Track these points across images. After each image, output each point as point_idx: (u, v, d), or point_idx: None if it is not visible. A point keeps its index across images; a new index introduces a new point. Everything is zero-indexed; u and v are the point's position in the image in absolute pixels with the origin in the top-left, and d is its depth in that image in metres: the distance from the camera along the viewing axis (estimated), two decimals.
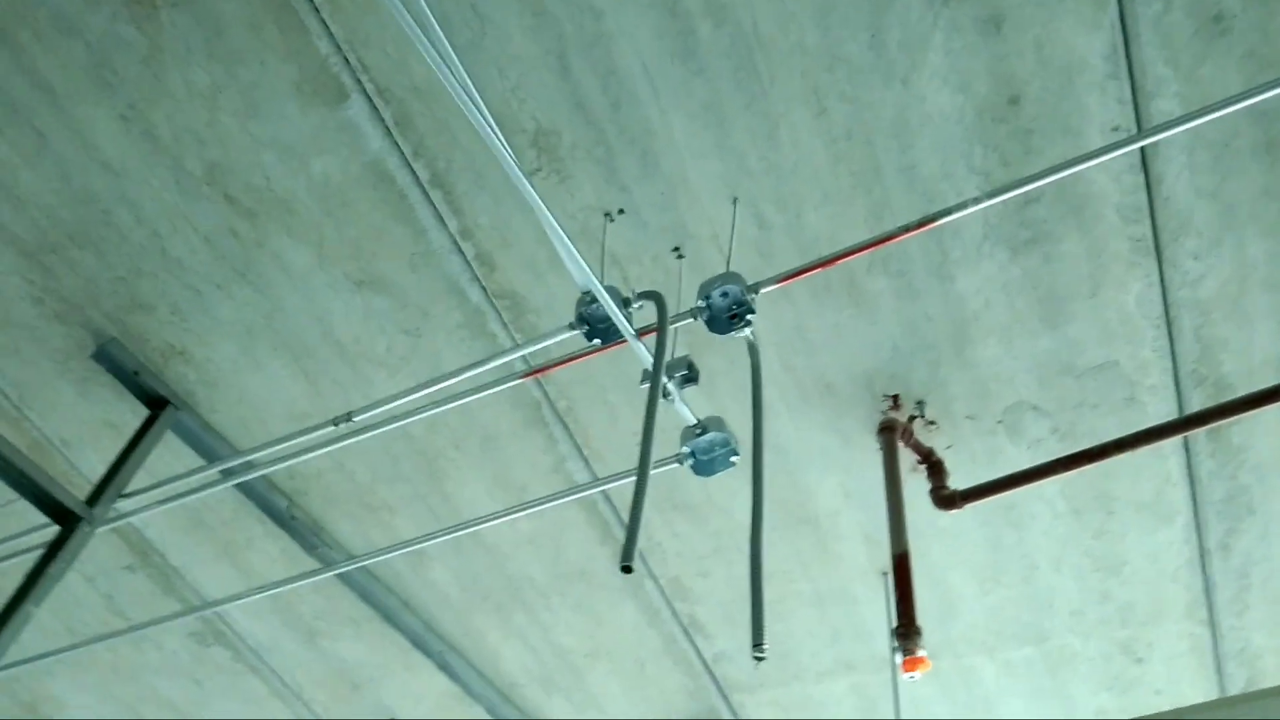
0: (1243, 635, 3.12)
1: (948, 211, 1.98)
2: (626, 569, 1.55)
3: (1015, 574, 3.06)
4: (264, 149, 2.40)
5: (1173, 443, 2.70)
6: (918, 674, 2.13)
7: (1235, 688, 3.23)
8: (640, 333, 2.13)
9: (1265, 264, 2.37)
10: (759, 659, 1.64)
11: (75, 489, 2.73)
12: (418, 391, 2.36)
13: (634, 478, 1.74)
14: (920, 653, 2.15)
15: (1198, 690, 3.26)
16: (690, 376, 2.14)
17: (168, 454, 3.03)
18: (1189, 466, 2.75)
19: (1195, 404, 2.60)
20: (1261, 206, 2.28)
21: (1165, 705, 3.28)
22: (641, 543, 3.14)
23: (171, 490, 2.76)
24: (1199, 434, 2.68)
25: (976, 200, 1.94)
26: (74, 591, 3.58)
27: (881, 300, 2.53)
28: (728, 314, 2.13)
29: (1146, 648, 3.18)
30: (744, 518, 2.99)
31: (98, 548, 3.33)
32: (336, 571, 2.94)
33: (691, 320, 2.15)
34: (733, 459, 2.19)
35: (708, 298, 2.11)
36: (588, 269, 1.98)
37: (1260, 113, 2.16)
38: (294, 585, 3.12)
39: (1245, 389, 2.53)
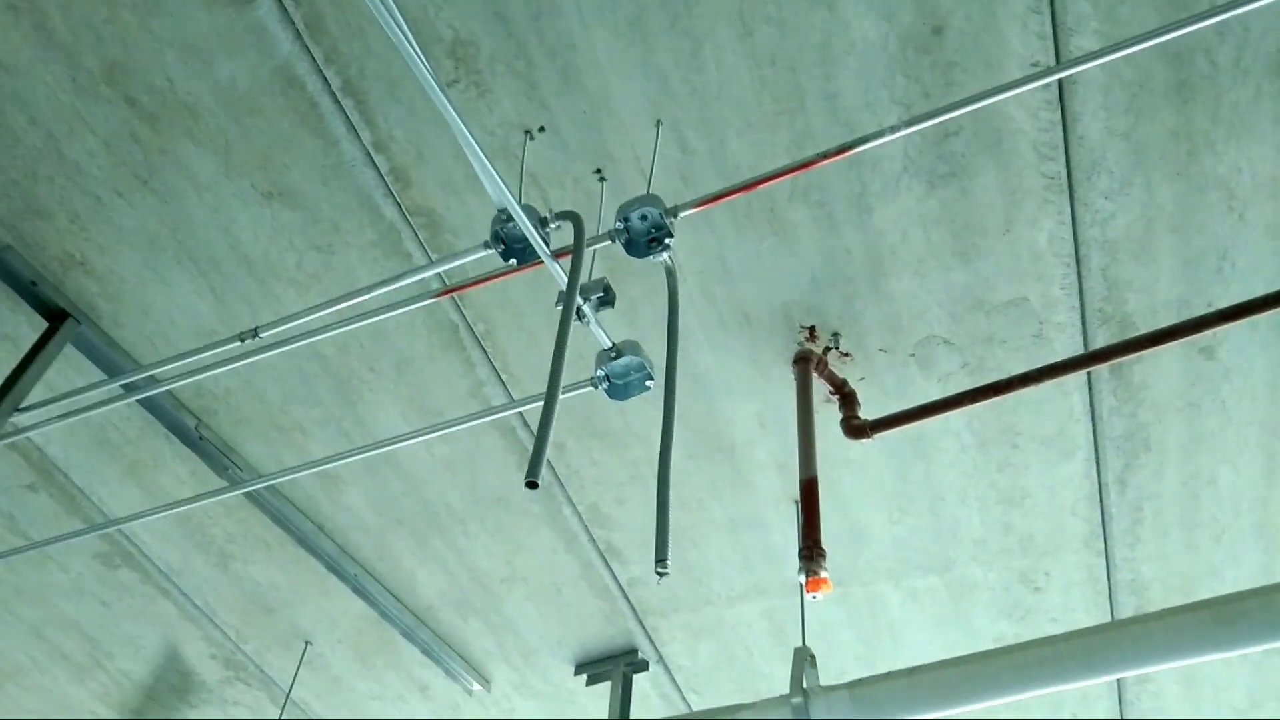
0: (1134, 566, 3.26)
1: (867, 139, 1.97)
2: (531, 484, 1.54)
3: (922, 504, 3.14)
4: (166, 48, 2.29)
5: (1076, 379, 2.78)
6: (820, 594, 2.18)
7: (1125, 615, 3.38)
8: (557, 254, 2.10)
9: (1172, 205, 2.42)
10: (661, 574, 1.66)
11: None
12: (328, 308, 2.30)
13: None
14: (823, 574, 2.20)
15: (1091, 618, 3.41)
16: (606, 299, 2.12)
17: (68, 369, 2.93)
18: (1091, 403, 2.83)
19: (1100, 341, 2.67)
20: (1171, 148, 2.32)
21: (1059, 632, 3.42)
22: (559, 469, 3.15)
23: (71, 405, 2.67)
24: (1102, 372, 2.76)
25: (894, 129, 1.94)
26: None
27: (802, 231, 2.53)
28: (646, 238, 2.11)
29: (1045, 577, 3.31)
30: (660, 441, 3.02)
31: None
32: (245, 490, 2.89)
33: (609, 243, 2.12)
34: (648, 383, 2.18)
35: (626, 220, 2.09)
36: (504, 186, 1.94)
37: (1174, 54, 2.19)
38: (203, 504, 3.07)
39: (1148, 328, 2.60)
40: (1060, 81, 2.23)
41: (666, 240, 2.09)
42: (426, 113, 2.35)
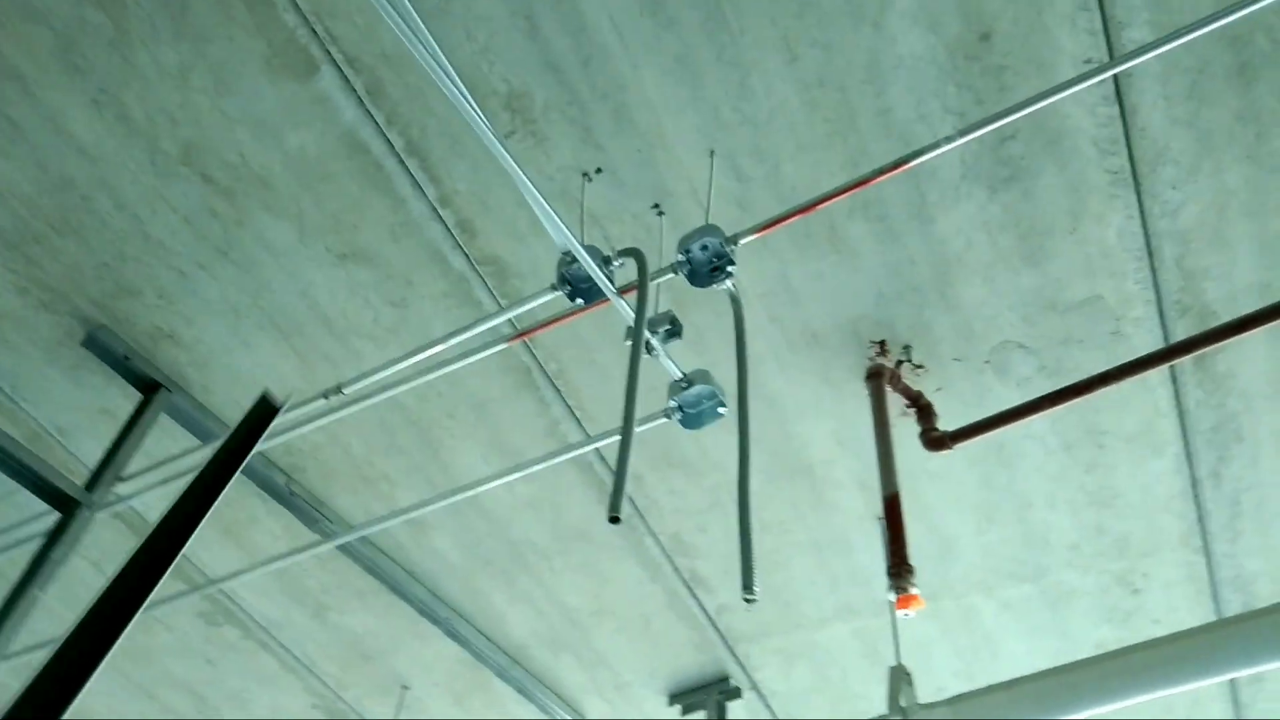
0: (1236, 561, 3.15)
1: (922, 151, 1.98)
2: (614, 519, 1.57)
3: (1009, 512, 3.09)
4: (237, 126, 2.40)
5: (1160, 374, 2.72)
6: (911, 611, 2.16)
7: (1231, 613, 3.27)
8: (622, 291, 2.14)
9: (1243, 190, 2.37)
10: (749, 600, 1.66)
11: (74, 476, 2.76)
12: (405, 361, 2.37)
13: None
14: (913, 590, 2.18)
15: (1195, 617, 3.31)
16: (674, 331, 2.15)
17: (164, 437, 3.05)
18: (1177, 396, 2.76)
19: (1180, 334, 2.61)
20: (1237, 132, 2.28)
21: (1163, 634, 3.32)
22: (639, 500, 3.17)
23: (169, 472, 2.78)
24: (1185, 364, 2.70)
25: (950, 139, 1.94)
26: (82, 578, 3.61)
27: (863, 246, 2.53)
28: (709, 267, 2.14)
29: (1143, 578, 3.22)
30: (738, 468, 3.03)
31: (101, 534, 3.36)
32: (338, 543, 2.97)
33: (672, 275, 2.16)
34: (720, 410, 2.20)
35: (687, 251, 2.12)
36: (565, 229, 1.99)
37: (1232, 37, 2.15)
38: (298, 558, 3.16)
39: (1229, 316, 2.53)
40: (1116, 75, 2.21)
41: (729, 268, 2.11)
42: (488, 165, 2.42)
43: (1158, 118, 2.27)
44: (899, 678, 2.36)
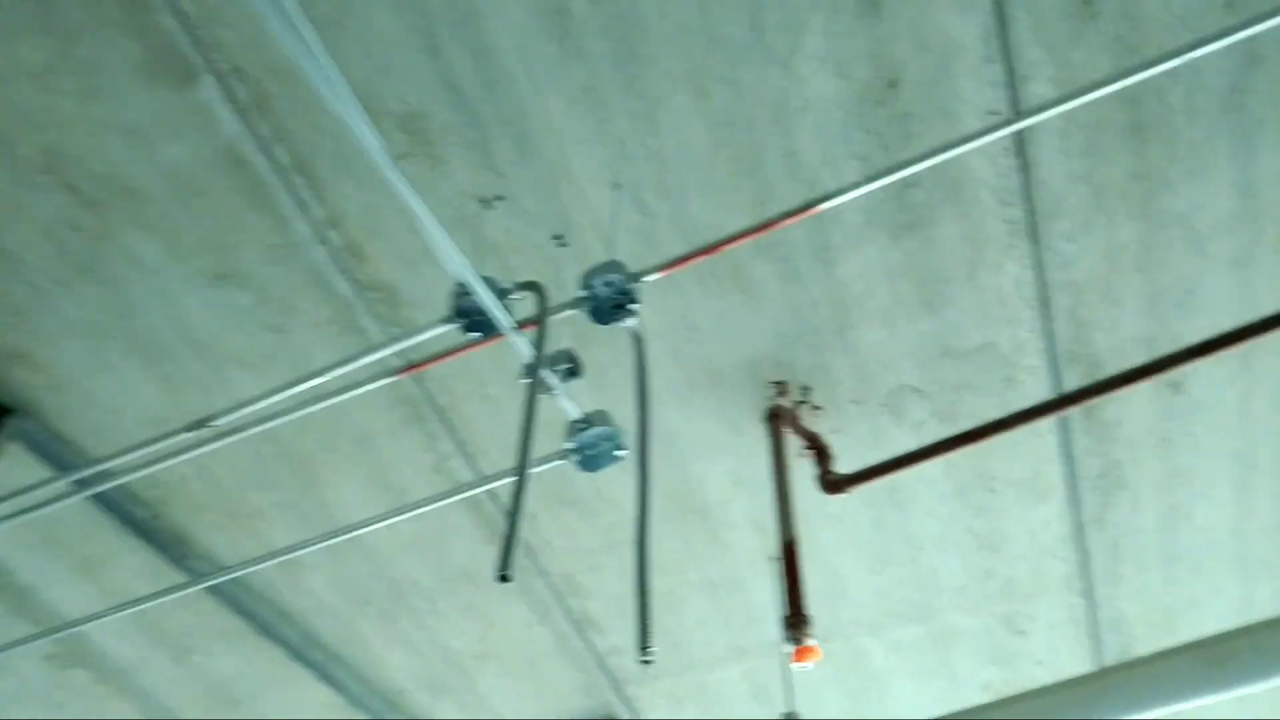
0: (1116, 605, 3.23)
1: (828, 196, 1.94)
2: (504, 578, 1.46)
3: (902, 555, 3.09)
4: (107, 133, 2.21)
5: (1048, 421, 2.76)
6: (809, 664, 2.11)
7: (1111, 655, 3.35)
8: (521, 325, 2.04)
9: (1134, 245, 2.42)
10: (646, 662, 1.58)
11: None
12: (283, 392, 2.21)
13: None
14: (810, 642, 2.13)
15: (1076, 659, 3.37)
16: (573, 370, 2.06)
17: (16, 467, 2.79)
18: (1065, 444, 2.81)
19: (1071, 382, 2.66)
20: (1131, 189, 2.33)
21: (1047, 675, 3.38)
22: (531, 540, 3.06)
23: (17, 505, 2.53)
24: (1074, 412, 2.75)
25: (856, 185, 1.91)
26: None
27: (766, 287, 2.50)
28: (612, 304, 2.06)
29: (1028, 620, 3.27)
30: (634, 510, 2.94)
31: None
32: (207, 585, 2.76)
33: (574, 311, 2.07)
34: (618, 453, 2.11)
35: (590, 287, 2.04)
36: (460, 257, 1.88)
37: (1129, 98, 2.20)
38: (160, 601, 2.92)
39: (1116, 366, 2.59)
40: (1019, 128, 2.23)
41: (632, 306, 2.03)
42: (379, 187, 2.29)
43: (1057, 172, 2.31)
44: None
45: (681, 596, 3.22)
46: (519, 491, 1.60)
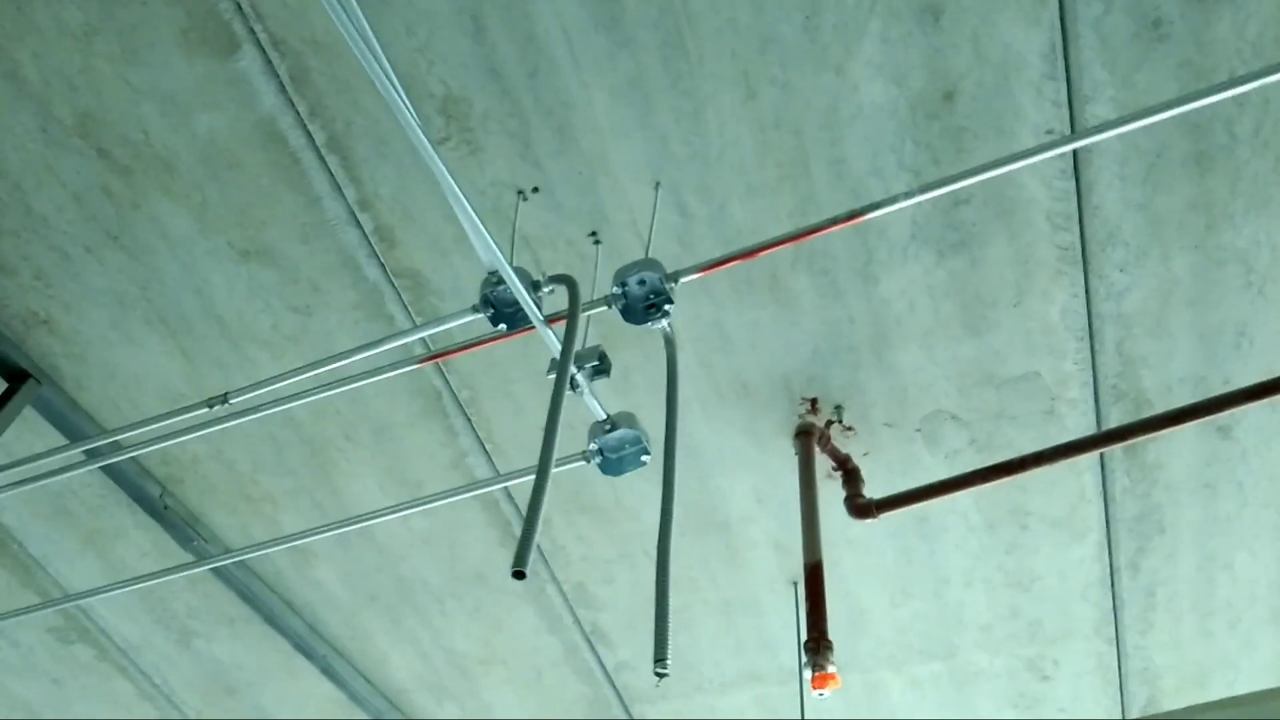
0: (1146, 654, 3.11)
1: (876, 206, 1.87)
2: (519, 574, 1.40)
3: (926, 587, 2.99)
4: (143, 100, 2.18)
5: (1089, 458, 2.66)
6: (828, 691, 2.02)
7: (1136, 707, 3.22)
8: (550, 320, 1.98)
9: (1189, 279, 2.33)
10: (661, 675, 1.51)
11: None
12: (304, 373, 2.16)
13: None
14: (830, 669, 2.05)
15: (1100, 709, 3.25)
16: (602, 368, 1.99)
17: (28, 433, 2.76)
18: (1104, 483, 2.71)
19: (1114, 419, 2.56)
20: (1189, 220, 2.24)
21: None
22: (545, 545, 2.99)
23: (30, 471, 2.50)
24: (1115, 452, 2.65)
25: (907, 195, 1.84)
26: None
27: (804, 299, 2.42)
28: (644, 304, 1.99)
29: (1053, 665, 3.15)
30: (653, 521, 2.86)
31: None
32: (211, 566, 2.71)
33: (605, 308, 2.00)
34: (643, 459, 2.05)
35: (624, 285, 1.97)
36: (495, 246, 1.83)
37: (1192, 125, 2.11)
38: (165, 579, 2.88)
39: (1163, 406, 2.49)
40: (1075, 150, 2.15)
41: (665, 307, 1.97)
42: (415, 171, 2.24)
43: (1112, 198, 2.22)
44: None
45: (696, 615, 3.13)
46: (541, 484, 1.53)
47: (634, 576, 3.04)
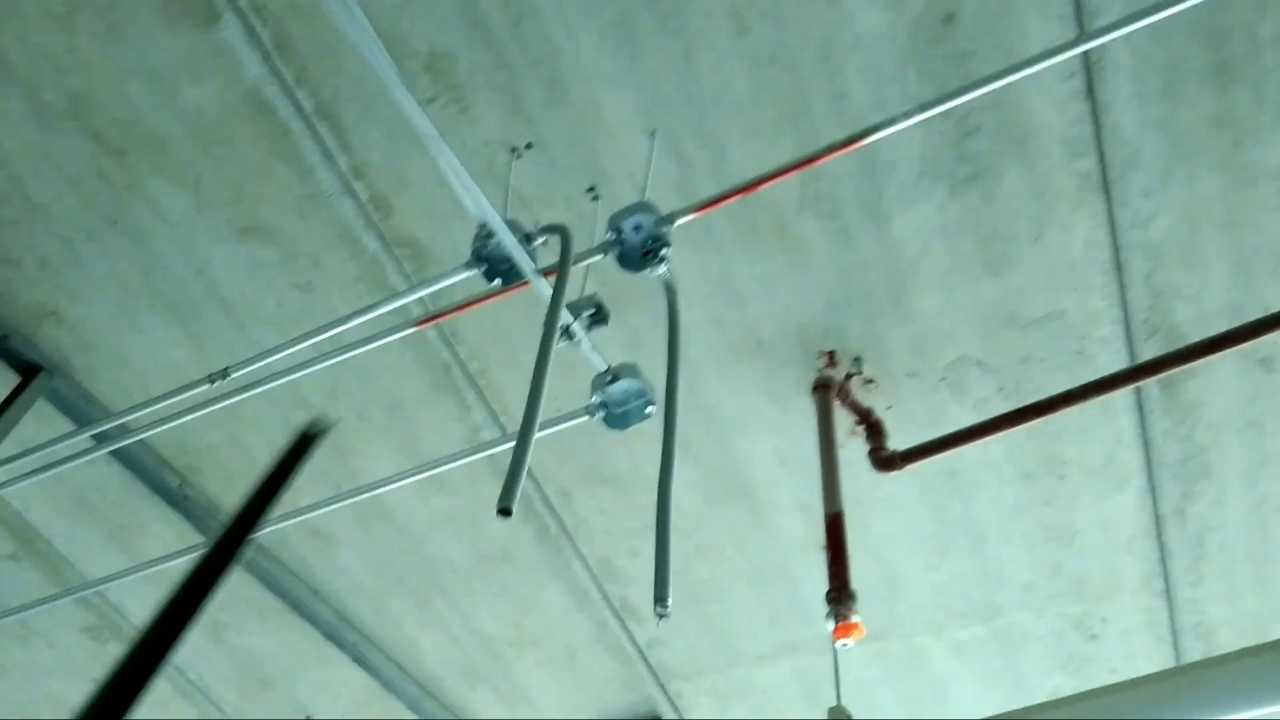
0: (1199, 607, 2.97)
1: (878, 128, 1.79)
2: (504, 512, 1.34)
3: (962, 546, 2.88)
4: (130, 77, 2.17)
5: (1125, 401, 2.55)
6: (851, 641, 1.94)
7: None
8: (546, 272, 1.92)
9: (1218, 201, 2.21)
10: (661, 615, 1.44)
11: None
12: (304, 342, 2.13)
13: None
14: (854, 618, 1.96)
15: (1154, 667, 3.11)
16: (599, 317, 1.94)
17: (44, 429, 2.76)
18: (1142, 426, 2.59)
19: (1147, 357, 2.44)
20: (1213, 137, 2.12)
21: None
22: (566, 519, 2.93)
23: (44, 459, 2.49)
24: (1152, 391, 2.53)
25: (908, 114, 1.76)
26: None
27: (813, 246, 2.34)
28: (641, 250, 1.93)
29: (1101, 623, 3.03)
30: (676, 489, 2.79)
31: None
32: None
33: (601, 256, 1.94)
34: (648, 409, 1.98)
35: (618, 230, 1.91)
36: (482, 197, 1.78)
37: (1210, 33, 2.00)
38: (184, 560, 2.87)
39: (1199, 339, 2.37)
40: (1089, 68, 2.05)
41: (663, 251, 1.90)
42: (406, 134, 2.20)
43: (1130, 117, 2.11)
44: (839, 717, 2.13)
45: (725, 586, 3.05)
46: (531, 412, 1.50)
47: None
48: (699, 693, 3.38)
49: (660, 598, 1.47)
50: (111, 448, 2.49)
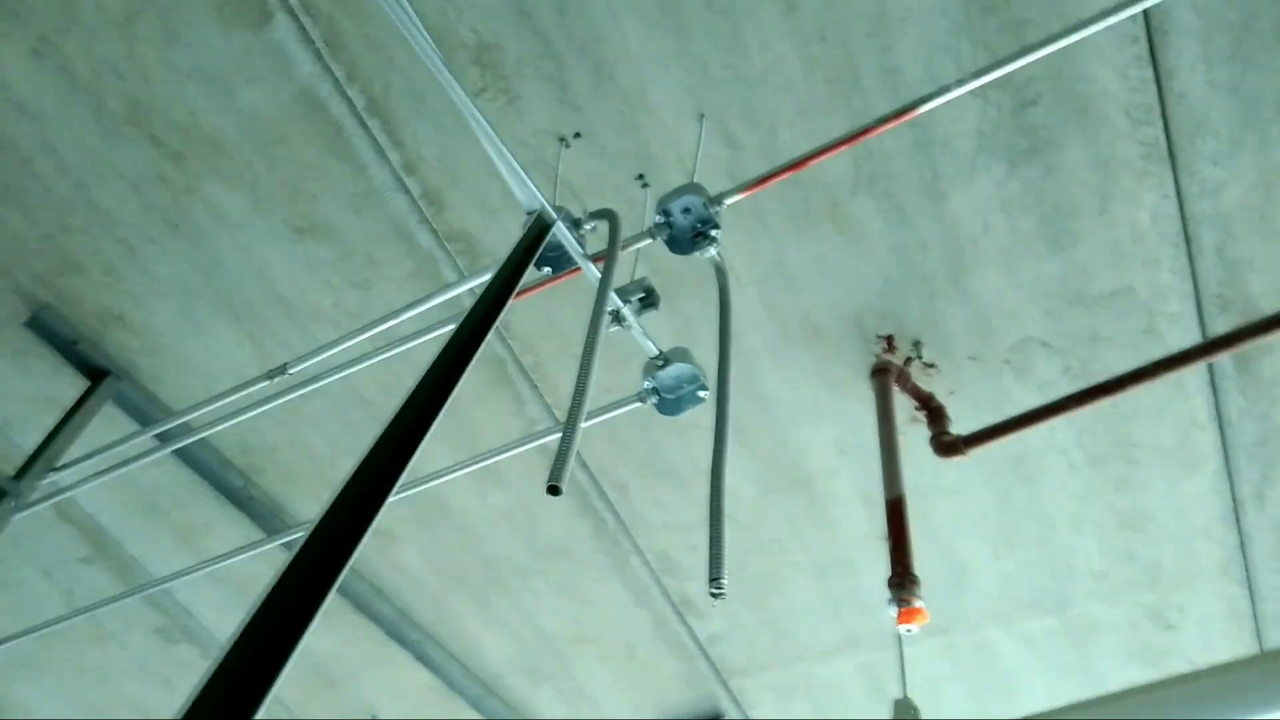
0: None
1: (931, 96, 1.75)
2: (553, 490, 1.33)
3: (1030, 535, 2.81)
4: (187, 81, 2.21)
5: (1198, 380, 2.46)
6: (915, 626, 1.89)
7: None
8: (595, 259, 1.91)
9: None
10: (716, 595, 1.41)
11: (12, 468, 2.54)
12: (358, 336, 2.14)
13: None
14: (917, 602, 1.91)
15: (1236, 658, 2.99)
16: (649, 300, 1.91)
17: (115, 433, 2.82)
18: (1216, 405, 2.50)
19: (1220, 332, 2.36)
20: None
21: None
22: (623, 513, 2.91)
23: (111, 460, 2.55)
24: (1227, 370, 2.44)
25: (961, 82, 1.71)
26: (34, 587, 3.38)
27: (869, 227, 2.30)
28: (691, 233, 1.91)
29: (1178, 613, 2.92)
30: (732, 481, 2.77)
31: (49, 536, 3.14)
32: (287, 539, 2.72)
33: (650, 241, 1.92)
34: (701, 394, 1.96)
35: (667, 214, 1.89)
36: (532, 185, 1.77)
37: None
38: (257, 570, 2.91)
39: (1276, 312, 2.28)
40: (1150, 32, 1.99)
41: (713, 233, 1.88)
42: (456, 128, 2.21)
43: (1197, 82, 2.04)
44: (907, 713, 2.09)
45: (785, 578, 3.01)
46: (580, 392, 1.49)
47: None
48: (761, 689, 3.34)
49: (715, 577, 1.44)
50: (175, 446, 2.53)
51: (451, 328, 1.49)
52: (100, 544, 3.21)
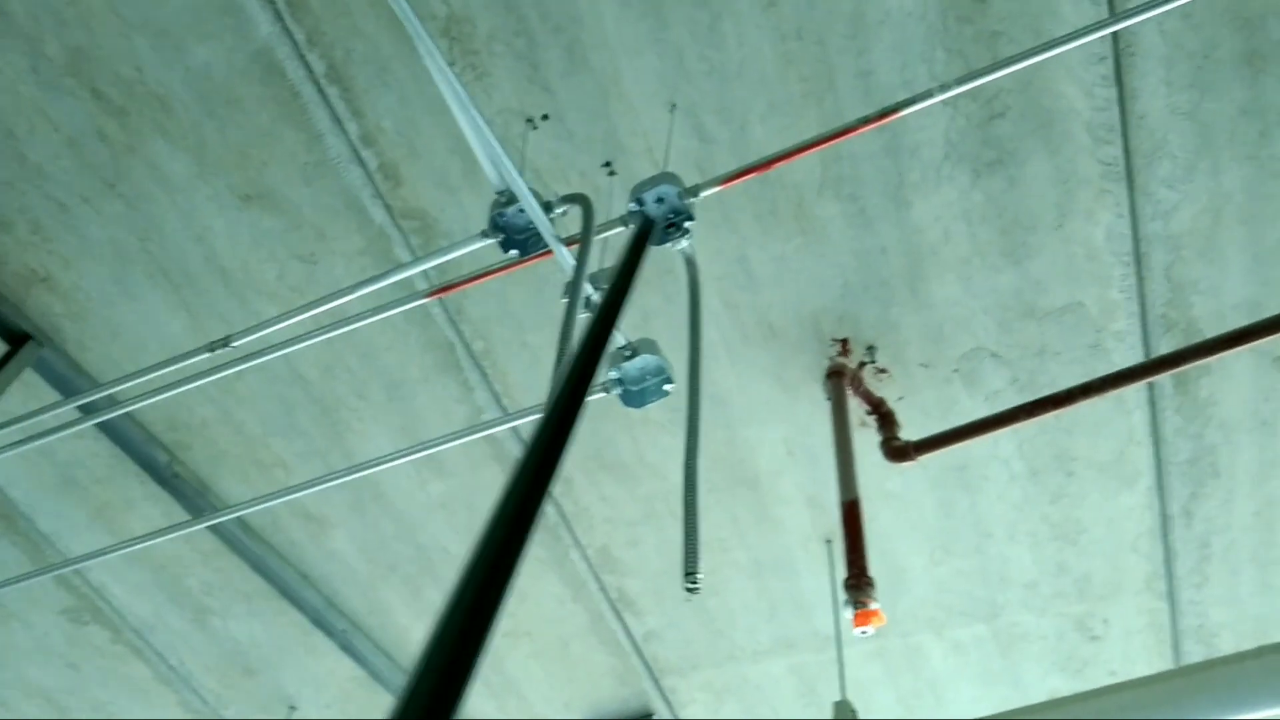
0: (1201, 610, 2.95)
1: (907, 103, 1.74)
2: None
3: (967, 543, 2.85)
4: (135, 33, 2.09)
5: (1138, 397, 2.52)
6: (871, 628, 1.89)
7: None
8: (567, 243, 1.87)
9: (1240, 194, 2.19)
10: (691, 589, 1.39)
11: None
12: (305, 313, 2.05)
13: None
14: (874, 605, 1.91)
15: (1153, 671, 3.07)
16: None
17: (31, 400, 2.67)
18: (1154, 423, 2.56)
19: (1163, 351, 2.41)
20: (1240, 128, 2.10)
21: None
22: (565, 506, 2.87)
23: (27, 430, 2.41)
24: (1166, 389, 2.50)
25: (940, 89, 1.71)
26: None
27: (832, 228, 2.30)
28: (664, 224, 1.88)
29: (1103, 624, 3.00)
30: (678, 479, 2.74)
31: None
32: (213, 522, 2.61)
33: (622, 229, 1.89)
34: (666, 388, 1.92)
35: (640, 203, 1.86)
36: (508, 161, 1.72)
37: (1244, 20, 1.97)
38: (178, 551, 2.79)
39: (1215, 335, 2.34)
40: (1118, 53, 2.02)
41: (686, 225, 1.85)
42: (419, 100, 2.14)
43: (1158, 105, 2.08)
44: (845, 713, 2.09)
45: (725, 577, 3.00)
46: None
47: (660, 539, 2.92)
48: (693, 689, 3.32)
49: (690, 571, 1.41)
50: (98, 420, 2.41)
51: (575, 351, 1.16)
52: (8, 518, 3.04)
